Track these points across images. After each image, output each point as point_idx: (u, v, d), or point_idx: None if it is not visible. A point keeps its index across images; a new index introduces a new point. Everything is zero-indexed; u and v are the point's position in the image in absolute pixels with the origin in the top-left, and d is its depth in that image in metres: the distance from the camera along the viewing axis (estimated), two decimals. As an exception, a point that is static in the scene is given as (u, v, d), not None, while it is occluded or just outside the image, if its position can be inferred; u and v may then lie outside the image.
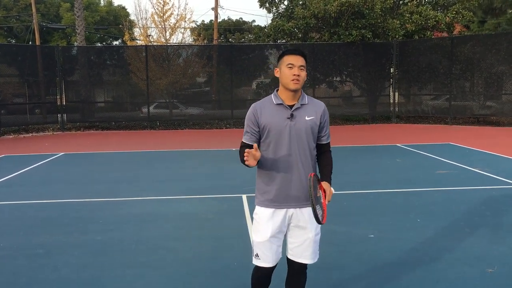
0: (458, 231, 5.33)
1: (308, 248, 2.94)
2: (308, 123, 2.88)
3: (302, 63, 2.86)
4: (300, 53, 2.88)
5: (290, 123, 2.86)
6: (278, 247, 2.94)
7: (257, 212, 2.97)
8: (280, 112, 2.88)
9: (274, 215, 2.90)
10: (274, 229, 2.89)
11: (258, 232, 2.94)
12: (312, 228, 2.92)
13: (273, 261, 2.94)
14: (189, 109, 20.47)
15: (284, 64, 2.87)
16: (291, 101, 2.90)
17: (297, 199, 2.89)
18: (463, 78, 18.85)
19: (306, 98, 2.96)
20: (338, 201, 6.82)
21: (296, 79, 2.83)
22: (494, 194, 7.03)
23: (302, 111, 2.90)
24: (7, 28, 37.24)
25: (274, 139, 2.87)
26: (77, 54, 20.35)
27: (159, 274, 4.29)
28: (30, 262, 4.64)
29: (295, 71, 2.83)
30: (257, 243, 2.94)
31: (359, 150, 12.05)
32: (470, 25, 27.48)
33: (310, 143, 2.91)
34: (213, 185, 8.04)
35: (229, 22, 44.35)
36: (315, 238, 2.95)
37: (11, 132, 17.71)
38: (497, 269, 4.23)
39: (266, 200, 2.92)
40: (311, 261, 2.98)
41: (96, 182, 8.59)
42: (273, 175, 2.90)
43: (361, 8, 18.73)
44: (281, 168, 2.88)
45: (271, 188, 2.91)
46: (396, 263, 4.44)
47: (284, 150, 2.86)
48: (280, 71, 2.89)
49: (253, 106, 2.96)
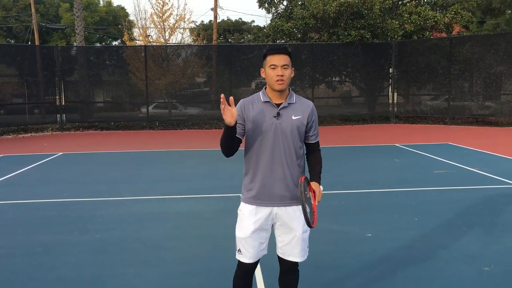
0: (455, 230, 5.36)
1: (296, 246, 2.93)
2: (294, 122, 2.86)
3: (285, 62, 2.81)
4: (283, 52, 2.84)
5: (276, 121, 2.85)
6: (261, 244, 2.93)
7: (241, 208, 2.98)
8: (266, 110, 2.87)
9: (257, 212, 2.90)
10: (256, 227, 2.89)
11: (240, 228, 2.96)
12: (299, 226, 2.91)
13: (254, 257, 2.93)
14: (188, 109, 20.49)
15: (267, 65, 2.84)
16: (278, 100, 2.89)
17: (281, 198, 2.88)
18: (462, 79, 18.89)
19: (294, 97, 2.94)
20: (336, 200, 6.86)
21: (280, 79, 2.80)
22: (492, 194, 7.06)
23: (289, 110, 2.88)
24: (6, 28, 37.24)
25: (260, 137, 2.86)
26: (76, 54, 20.37)
27: (158, 273, 4.32)
28: (29, 261, 4.66)
29: (278, 72, 2.79)
30: (239, 239, 2.95)
31: (357, 150, 12.07)
32: (469, 26, 27.52)
33: (296, 142, 2.88)
34: (211, 185, 8.07)
35: (229, 23, 44.39)
36: (302, 236, 2.94)
37: (10, 132, 17.73)
38: (493, 268, 4.25)
39: (250, 197, 2.92)
40: (300, 258, 2.97)
41: (95, 181, 8.62)
42: (257, 173, 2.89)
43: (360, 8, 18.77)
44: (266, 166, 2.87)
45: (254, 185, 2.90)
46: (393, 262, 4.47)
47: (269, 149, 2.85)
48: (265, 72, 2.88)
49: (241, 101, 2.95)
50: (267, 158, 2.86)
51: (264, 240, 2.96)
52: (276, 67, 2.81)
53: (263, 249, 2.98)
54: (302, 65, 20.01)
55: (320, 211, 6.31)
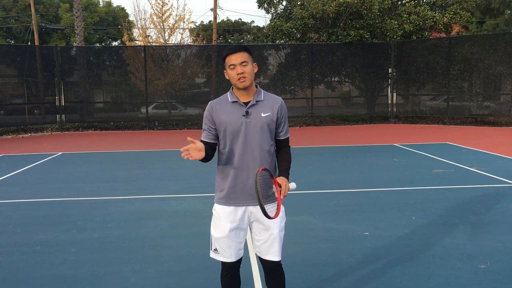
0: (452, 228, 5.38)
1: (273, 244, 2.90)
2: (264, 120, 2.85)
3: (242, 59, 2.81)
4: (239, 50, 2.83)
5: (245, 120, 2.84)
6: (238, 243, 2.93)
7: (215, 208, 2.98)
8: (235, 110, 2.87)
9: (232, 212, 2.88)
10: (232, 226, 2.88)
11: (215, 227, 2.96)
12: (275, 225, 2.88)
13: (232, 256, 2.93)
14: (188, 110, 20.51)
15: (227, 66, 2.85)
16: (246, 98, 2.89)
17: (254, 196, 2.83)
18: (461, 79, 18.91)
19: (262, 94, 2.93)
20: (335, 199, 6.87)
21: (242, 77, 2.80)
22: (489, 192, 7.08)
23: (258, 108, 2.87)
24: (6, 29, 37.28)
25: (230, 137, 2.86)
26: (76, 54, 20.39)
27: (155, 271, 4.34)
28: (27, 259, 4.68)
29: (238, 70, 2.79)
30: (215, 239, 2.95)
31: (356, 150, 12.09)
32: (468, 26, 27.55)
33: (266, 139, 2.87)
34: (209, 183, 8.07)
35: (228, 23, 44.43)
36: (279, 234, 2.92)
37: (10, 132, 17.76)
38: (489, 265, 4.27)
39: (223, 197, 2.91)
40: (277, 257, 2.93)
41: (94, 181, 8.63)
42: (229, 172, 2.89)
43: (359, 8, 18.79)
44: (237, 165, 2.86)
45: (225, 185, 2.90)
46: (390, 260, 4.48)
47: (240, 148, 2.84)
48: (227, 74, 2.88)
49: (209, 104, 2.96)
50: (238, 157, 2.86)
51: (241, 240, 2.96)
52: (235, 66, 2.81)
53: (242, 249, 2.98)
54: (301, 65, 20.04)
55: (318, 209, 6.36)
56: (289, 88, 20.34)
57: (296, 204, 6.48)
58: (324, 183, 7.93)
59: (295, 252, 4.67)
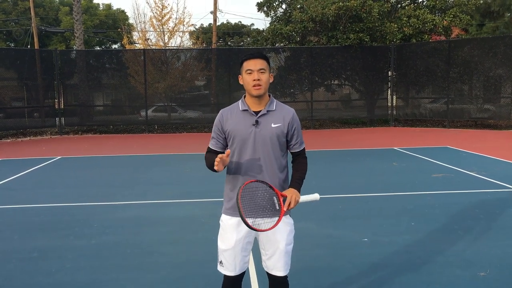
0: (451, 234, 5.35)
1: (280, 259, 2.84)
2: (273, 130, 2.78)
3: (261, 66, 2.75)
4: (259, 56, 2.78)
5: (255, 129, 2.78)
6: (244, 257, 2.86)
7: (222, 219, 2.91)
8: (245, 119, 2.81)
9: (239, 224, 2.79)
10: (239, 238, 2.82)
11: (222, 239, 2.89)
12: (282, 238, 2.82)
13: (236, 270, 2.87)
14: (187, 113, 20.49)
15: (243, 70, 2.79)
16: (257, 107, 2.82)
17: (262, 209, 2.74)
18: (460, 82, 18.90)
19: (274, 104, 2.86)
20: (333, 205, 6.84)
21: (257, 84, 2.74)
22: (489, 198, 7.05)
23: (269, 118, 2.81)
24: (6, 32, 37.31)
25: (239, 146, 2.81)
26: (75, 57, 20.40)
27: (152, 278, 4.31)
28: (24, 266, 4.65)
29: (254, 76, 2.73)
30: (221, 251, 2.88)
31: (356, 154, 12.06)
32: (468, 29, 27.55)
33: (275, 151, 2.81)
34: (208, 189, 8.04)
35: (228, 26, 44.48)
36: (286, 248, 2.84)
37: (9, 136, 17.74)
38: (489, 273, 4.24)
39: (230, 207, 2.85)
40: (284, 272, 2.87)
41: (93, 185, 8.61)
42: (237, 183, 2.83)
43: (358, 12, 18.79)
44: (245, 175, 2.79)
45: (234, 195, 2.82)
46: (389, 266, 4.45)
47: (248, 157, 2.78)
48: (242, 79, 2.82)
49: (220, 112, 2.91)
50: (247, 167, 2.80)
51: (247, 253, 2.89)
52: (252, 72, 2.75)
53: (247, 262, 2.92)
54: (301, 68, 20.03)
55: (316, 215, 6.33)
56: (289, 91, 20.32)
57: (294, 210, 6.42)
58: (322, 188, 7.89)
59: (292, 259, 4.56)
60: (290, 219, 2.91)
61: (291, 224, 2.90)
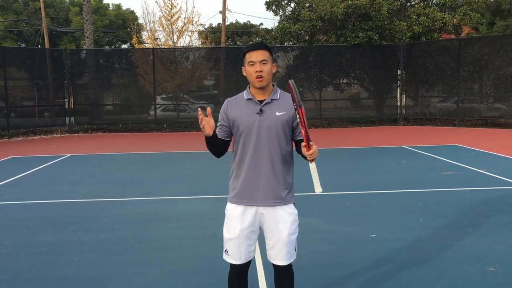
0: (460, 231, 5.31)
1: (282, 249, 2.83)
2: (278, 118, 2.79)
3: (263, 57, 2.77)
4: (260, 47, 2.79)
5: (259, 118, 2.80)
6: (249, 246, 2.87)
7: (227, 208, 2.93)
8: (249, 107, 2.84)
9: (243, 212, 2.83)
10: (243, 227, 2.83)
11: (227, 228, 2.91)
12: (284, 228, 2.82)
13: (241, 259, 2.88)
14: (196, 112, 20.51)
15: (246, 62, 2.81)
16: (262, 97, 2.85)
17: (266, 197, 2.81)
18: (471, 80, 18.74)
19: (278, 93, 2.88)
20: (342, 201, 6.83)
21: (259, 76, 2.76)
22: (499, 195, 6.98)
23: (273, 106, 2.82)
24: (17, 32, 37.67)
25: (243, 135, 2.82)
26: (85, 57, 20.52)
27: (160, 272, 4.32)
28: (32, 260, 4.69)
29: (256, 68, 2.75)
30: (226, 239, 2.90)
31: (364, 152, 12.01)
32: (478, 27, 27.34)
33: (280, 139, 2.81)
34: (216, 186, 8.06)
35: (237, 25, 44.51)
36: (289, 238, 2.83)
37: (20, 134, 17.89)
38: (498, 268, 4.21)
39: (235, 196, 2.87)
40: (286, 262, 2.87)
41: (102, 182, 8.66)
42: (242, 171, 2.84)
43: (367, 10, 18.71)
44: (249, 163, 2.81)
45: (237, 183, 2.86)
46: (397, 262, 4.43)
47: (252, 146, 2.80)
48: (245, 70, 2.84)
49: (226, 101, 2.95)
50: (251, 155, 2.81)
51: (252, 242, 2.90)
52: (254, 63, 2.77)
53: (252, 251, 2.92)
54: (310, 67, 19.99)
55: (325, 211, 6.31)
56: (298, 90, 20.25)
57: (302, 206, 6.40)
58: (331, 184, 7.87)
59: (300, 254, 4.56)
60: (294, 209, 2.92)
61: (294, 214, 2.90)
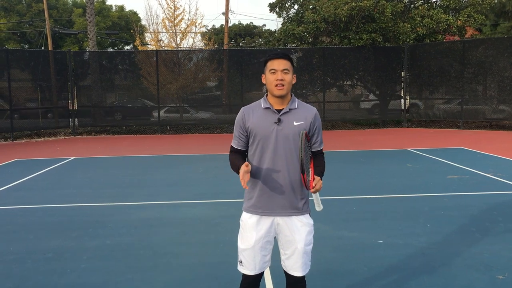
0: (468, 237, 5.27)
1: (298, 260, 2.82)
2: (296, 128, 2.77)
3: (285, 67, 2.77)
4: (283, 56, 2.79)
5: (277, 127, 2.78)
6: (264, 256, 2.85)
7: (242, 218, 2.91)
8: (267, 117, 2.81)
9: (259, 223, 2.82)
10: (258, 238, 2.81)
11: (242, 238, 2.89)
12: (300, 238, 2.81)
13: (256, 269, 2.85)
14: (199, 114, 20.52)
15: (267, 70, 2.81)
16: (280, 106, 2.83)
17: (282, 207, 2.80)
18: (475, 82, 18.67)
19: (296, 102, 2.87)
20: (347, 206, 6.78)
21: (280, 84, 2.75)
22: (507, 200, 6.93)
23: (291, 116, 2.81)
24: (20, 34, 37.73)
25: (261, 144, 2.80)
26: (88, 59, 20.52)
27: (165, 279, 4.30)
28: (38, 266, 4.67)
29: (278, 76, 2.75)
30: (241, 250, 2.88)
31: (369, 155, 11.97)
32: (482, 29, 27.24)
33: (297, 149, 2.75)
34: (221, 190, 8.03)
35: (240, 27, 44.51)
36: (305, 249, 2.83)
37: (24, 136, 17.90)
38: (507, 276, 4.16)
39: (251, 206, 2.85)
40: (302, 273, 2.85)
41: (106, 186, 8.64)
42: (258, 181, 2.82)
43: (371, 12, 18.67)
44: (267, 173, 2.79)
45: (254, 193, 2.84)
46: (405, 269, 4.39)
47: (270, 155, 2.78)
48: (265, 78, 2.83)
49: (242, 109, 2.91)
50: (268, 165, 2.79)
51: (267, 252, 2.87)
52: (276, 72, 2.76)
53: (267, 261, 2.90)
54: (313, 69, 19.96)
55: (330, 217, 6.27)
56: (301, 92, 20.25)
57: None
58: (335, 189, 7.83)
59: (307, 261, 4.59)
60: (309, 219, 2.90)
61: (310, 225, 2.89)
